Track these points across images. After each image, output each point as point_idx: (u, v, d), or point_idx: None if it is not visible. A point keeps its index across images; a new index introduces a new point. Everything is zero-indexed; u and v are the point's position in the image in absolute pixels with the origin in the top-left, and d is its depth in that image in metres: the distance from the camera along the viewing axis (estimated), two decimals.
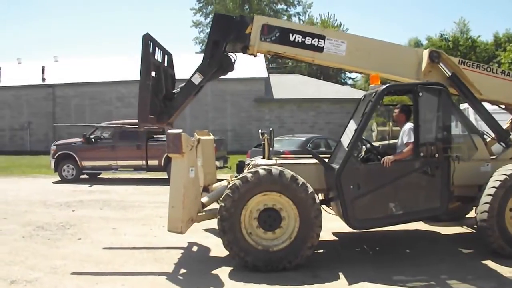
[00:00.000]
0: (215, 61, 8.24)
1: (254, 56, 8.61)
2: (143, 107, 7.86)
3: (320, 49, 8.16)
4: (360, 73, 8.72)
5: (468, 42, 54.85)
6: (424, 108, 7.56)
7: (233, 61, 8.51)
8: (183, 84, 8.53)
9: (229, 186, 7.42)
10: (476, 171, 8.19)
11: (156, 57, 8.26)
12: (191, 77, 8.39)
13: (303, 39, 8.12)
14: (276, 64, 60.60)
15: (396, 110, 8.43)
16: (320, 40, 8.14)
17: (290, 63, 61.88)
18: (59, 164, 19.81)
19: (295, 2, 63.90)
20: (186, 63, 38.52)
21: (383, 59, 8.42)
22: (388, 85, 7.97)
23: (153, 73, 8.07)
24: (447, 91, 7.71)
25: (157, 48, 8.27)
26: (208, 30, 60.34)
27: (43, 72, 37.29)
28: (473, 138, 8.37)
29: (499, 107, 9.36)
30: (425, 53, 8.44)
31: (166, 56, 8.83)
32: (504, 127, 9.21)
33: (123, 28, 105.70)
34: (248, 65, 37.27)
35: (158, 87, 8.28)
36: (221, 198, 7.50)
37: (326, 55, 8.22)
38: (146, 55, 7.88)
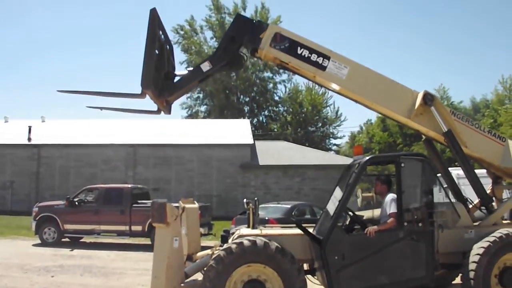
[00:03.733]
0: (227, 54, 8.51)
1: (261, 60, 8.89)
2: (147, 73, 7.99)
3: (323, 68, 8.40)
4: (355, 101, 8.86)
5: (450, 107, 56.03)
6: (406, 178, 7.69)
7: (243, 61, 8.80)
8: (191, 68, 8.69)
9: (213, 256, 7.38)
10: (460, 238, 8.30)
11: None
12: (200, 63, 8.67)
13: (309, 55, 8.39)
14: (262, 131, 61.12)
15: (377, 182, 8.53)
16: (325, 59, 8.40)
17: (275, 130, 62.51)
18: (41, 227, 19.42)
19: (280, 70, 64.81)
20: (173, 128, 38.89)
21: (379, 91, 8.66)
22: (371, 157, 8.14)
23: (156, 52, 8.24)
24: (429, 162, 7.87)
25: (161, 32, 8.48)
26: (195, 96, 61.04)
27: (29, 132, 37.16)
28: (455, 206, 8.49)
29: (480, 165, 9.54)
30: (420, 94, 8.65)
31: (168, 46, 8.98)
32: None
33: (111, 88, 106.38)
34: (234, 132, 37.72)
35: (160, 64, 8.40)
36: (205, 269, 7.43)
37: (327, 75, 8.46)
38: (153, 26, 8.11)
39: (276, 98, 66.41)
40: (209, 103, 64.53)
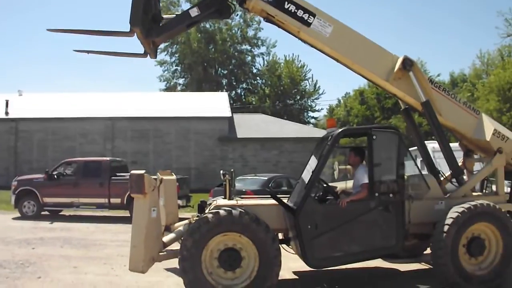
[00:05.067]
0: (216, 2, 8.63)
1: (248, 12, 8.88)
2: (135, 10, 8.05)
3: (308, 24, 8.56)
4: (337, 60, 9.06)
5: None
6: (378, 150, 7.93)
7: (231, 11, 8.88)
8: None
9: (190, 226, 7.58)
10: (431, 209, 8.58)
11: None
12: (189, 9, 8.75)
13: (296, 10, 8.53)
14: (240, 104, 61.11)
15: (351, 153, 8.77)
16: (310, 16, 8.56)
17: (254, 102, 62.50)
18: (20, 200, 19.47)
19: (259, 43, 64.69)
20: (151, 101, 38.79)
21: (361, 52, 8.89)
22: (344, 129, 8.36)
23: None
24: (399, 134, 8.12)
25: None
26: (173, 69, 60.71)
27: (6, 106, 36.79)
28: (425, 178, 8.76)
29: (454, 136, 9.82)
30: (400, 59, 8.90)
31: None
32: None
33: (88, 64, 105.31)
34: (212, 105, 37.72)
35: (148, 5, 8.44)
36: (182, 238, 7.64)
37: (311, 31, 8.62)
38: None
39: (255, 71, 66.47)
40: (187, 76, 64.24)
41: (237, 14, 62.42)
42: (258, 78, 66.88)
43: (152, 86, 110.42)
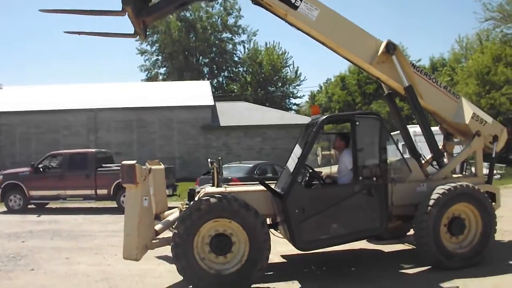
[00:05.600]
0: None
1: None
2: None
3: (295, 7, 8.78)
4: (322, 43, 9.33)
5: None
6: (361, 135, 8.20)
7: None
8: None
9: (181, 213, 7.80)
10: (413, 191, 8.89)
11: None
12: None
13: None
14: (222, 92, 61.14)
15: (337, 138, 9.04)
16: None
17: (235, 90, 62.54)
18: (6, 194, 19.59)
19: (240, 31, 64.66)
20: (134, 91, 38.68)
21: (346, 36, 9.17)
22: (328, 116, 8.64)
23: None
24: (381, 120, 8.39)
25: None
26: (154, 58, 60.41)
27: None
28: (407, 161, 9.05)
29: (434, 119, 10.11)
30: (383, 43, 9.19)
31: None
32: None
33: (69, 55, 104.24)
34: (194, 93, 37.77)
35: None
36: (174, 225, 7.85)
37: (298, 14, 8.85)
38: None
39: (236, 59, 66.38)
40: (168, 65, 64.07)
41: (218, 2, 62.46)
42: (239, 66, 66.88)
43: (133, 77, 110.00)
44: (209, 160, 9.09)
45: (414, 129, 12.90)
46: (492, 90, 35.71)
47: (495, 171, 10.12)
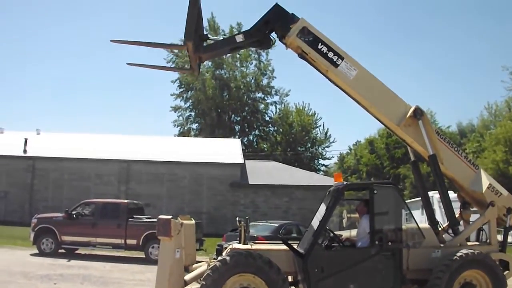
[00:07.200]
0: (259, 34, 9.64)
1: (286, 46, 9.83)
2: (189, 27, 9.06)
3: (336, 65, 9.55)
4: (356, 101, 10.05)
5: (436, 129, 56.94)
6: (378, 203, 8.85)
7: (271, 43, 9.96)
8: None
9: (209, 266, 8.45)
10: (428, 257, 9.31)
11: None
12: (235, 35, 9.95)
13: (327, 52, 9.55)
14: (252, 150, 61.78)
15: (361, 203, 9.69)
16: (339, 59, 9.57)
17: (265, 149, 63.14)
18: (39, 237, 20.14)
19: (272, 92, 65.95)
20: (166, 145, 39.64)
21: (378, 97, 9.85)
22: (347, 184, 9.37)
23: None
24: (398, 188, 9.04)
25: None
26: (187, 114, 61.48)
27: (25, 144, 37.93)
28: (421, 228, 9.58)
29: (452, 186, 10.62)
30: (412, 108, 9.79)
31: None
32: None
33: (105, 109, 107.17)
34: (225, 150, 38.60)
35: (198, 24, 9.43)
36: (202, 277, 8.47)
37: (338, 72, 9.59)
38: None
39: (267, 118, 67.34)
40: (201, 121, 65.19)
41: (252, 63, 63.98)
42: (270, 125, 67.76)
43: (166, 131, 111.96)
44: (237, 218, 9.74)
45: (438, 196, 13.34)
46: None
47: (510, 240, 10.48)
